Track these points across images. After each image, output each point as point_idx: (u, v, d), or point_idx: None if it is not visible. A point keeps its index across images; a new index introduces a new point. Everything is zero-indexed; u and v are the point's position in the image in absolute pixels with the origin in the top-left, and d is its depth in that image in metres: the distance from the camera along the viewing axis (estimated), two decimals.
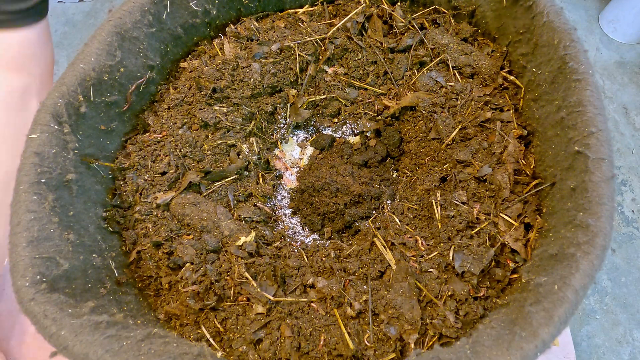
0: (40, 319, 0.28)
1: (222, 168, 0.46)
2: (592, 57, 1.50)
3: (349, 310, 0.37)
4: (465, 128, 0.47)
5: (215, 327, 0.37)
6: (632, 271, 1.13)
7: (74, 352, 0.27)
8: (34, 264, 0.30)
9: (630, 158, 1.30)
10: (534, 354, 0.27)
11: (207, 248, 0.40)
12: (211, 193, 0.45)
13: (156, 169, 0.44)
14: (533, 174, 0.42)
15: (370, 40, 0.53)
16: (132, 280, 0.39)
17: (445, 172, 0.47)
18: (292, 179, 0.53)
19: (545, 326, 0.27)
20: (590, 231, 0.31)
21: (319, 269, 0.42)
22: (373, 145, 0.54)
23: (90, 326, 0.28)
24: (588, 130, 0.34)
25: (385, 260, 0.41)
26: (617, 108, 1.40)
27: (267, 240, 0.45)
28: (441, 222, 0.43)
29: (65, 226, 0.34)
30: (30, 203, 0.32)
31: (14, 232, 0.31)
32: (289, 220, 0.50)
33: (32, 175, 0.33)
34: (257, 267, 0.40)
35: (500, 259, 0.39)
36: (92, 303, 0.31)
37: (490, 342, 0.28)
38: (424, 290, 0.38)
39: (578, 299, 0.28)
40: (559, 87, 0.39)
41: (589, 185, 0.33)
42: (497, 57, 0.49)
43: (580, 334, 1.05)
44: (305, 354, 0.36)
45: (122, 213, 0.42)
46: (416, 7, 0.55)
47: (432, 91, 0.50)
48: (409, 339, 0.35)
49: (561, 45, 0.39)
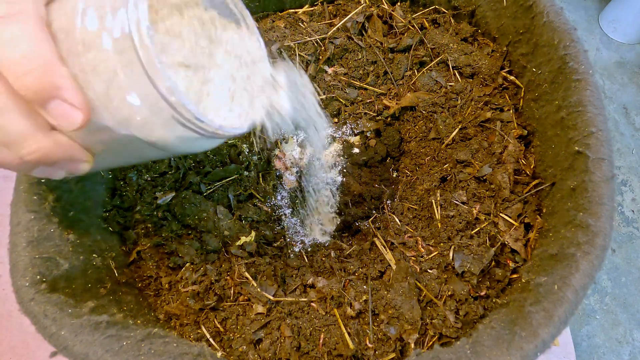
0: (40, 319, 0.28)
1: (222, 168, 0.46)
2: (592, 57, 1.50)
3: (349, 310, 0.37)
4: (465, 128, 0.47)
5: (215, 327, 0.37)
6: (632, 271, 1.13)
7: (74, 352, 0.27)
8: (34, 264, 0.30)
9: (630, 158, 1.30)
10: (534, 354, 0.27)
11: (207, 248, 0.40)
12: (211, 193, 0.45)
13: (156, 169, 0.44)
14: (533, 174, 0.42)
15: (370, 40, 0.53)
16: (132, 280, 0.39)
17: (445, 172, 0.47)
18: (292, 179, 0.53)
19: (545, 326, 0.28)
20: (590, 231, 0.31)
21: (319, 269, 0.42)
22: (373, 145, 0.54)
23: (90, 326, 0.28)
24: (588, 130, 0.34)
25: (385, 260, 0.41)
26: (617, 108, 1.40)
27: (267, 240, 0.45)
28: (441, 222, 0.43)
29: (65, 226, 0.34)
30: (30, 203, 0.32)
31: (14, 232, 0.31)
32: (289, 220, 0.50)
33: (32, 175, 0.33)
34: (257, 267, 0.40)
35: (500, 259, 0.39)
36: (92, 303, 0.31)
37: (490, 342, 0.28)
38: (424, 290, 0.38)
39: (578, 299, 0.29)
40: (559, 87, 0.39)
41: (589, 185, 0.33)
42: (497, 57, 0.49)
43: (580, 334, 1.05)
44: (305, 354, 0.36)
45: (122, 213, 0.42)
46: (416, 7, 0.55)
47: (432, 91, 0.50)
48: (409, 339, 0.35)
49: (561, 45, 0.39)
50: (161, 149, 0.25)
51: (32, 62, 0.18)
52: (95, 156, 0.24)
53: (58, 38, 0.20)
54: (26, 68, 0.18)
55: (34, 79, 0.18)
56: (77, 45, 0.20)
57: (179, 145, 0.25)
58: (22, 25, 0.18)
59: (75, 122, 0.20)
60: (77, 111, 0.19)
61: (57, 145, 0.21)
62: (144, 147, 0.24)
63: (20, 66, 0.18)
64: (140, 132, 0.23)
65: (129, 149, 0.25)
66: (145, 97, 0.21)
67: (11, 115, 0.19)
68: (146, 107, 0.22)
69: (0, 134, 0.19)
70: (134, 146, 0.24)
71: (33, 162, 0.21)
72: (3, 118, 0.19)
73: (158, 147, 0.24)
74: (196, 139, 0.25)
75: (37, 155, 0.20)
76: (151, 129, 0.23)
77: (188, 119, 0.22)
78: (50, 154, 0.21)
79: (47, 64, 0.18)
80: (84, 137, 0.22)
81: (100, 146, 0.24)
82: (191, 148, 0.26)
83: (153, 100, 0.21)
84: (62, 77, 0.19)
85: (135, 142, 0.23)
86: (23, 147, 0.20)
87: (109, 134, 0.22)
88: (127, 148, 0.25)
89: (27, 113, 0.19)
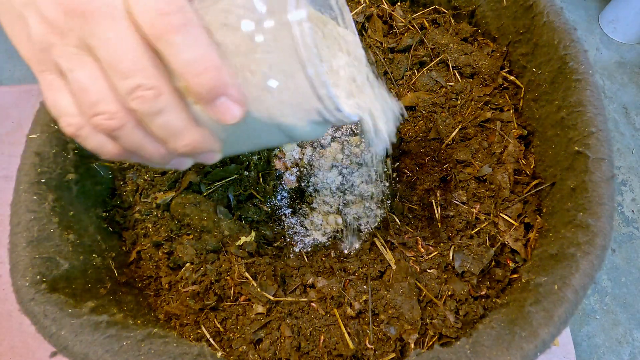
0: (40, 319, 0.28)
1: (222, 168, 0.46)
2: (592, 57, 1.50)
3: (349, 310, 0.37)
4: (465, 128, 0.47)
5: (215, 327, 0.37)
6: (632, 271, 1.13)
7: (74, 352, 0.27)
8: (34, 264, 0.30)
9: (630, 158, 1.30)
10: (534, 354, 0.27)
11: (207, 248, 0.40)
12: (211, 193, 0.45)
13: (156, 169, 0.44)
14: (533, 174, 0.42)
15: (370, 40, 0.53)
16: (132, 280, 0.39)
17: (445, 172, 0.47)
18: (292, 179, 0.53)
19: (545, 326, 0.28)
20: (590, 231, 0.31)
21: (319, 269, 0.42)
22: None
23: (90, 326, 0.28)
24: (588, 130, 0.34)
25: (385, 260, 0.41)
26: (617, 108, 1.40)
27: (267, 240, 0.45)
28: (441, 222, 0.43)
29: (65, 226, 0.34)
30: (30, 203, 0.32)
31: (14, 232, 0.31)
32: (289, 220, 0.50)
33: (32, 175, 0.33)
34: (257, 267, 0.40)
35: (500, 259, 0.39)
36: (92, 303, 0.31)
37: (490, 342, 0.28)
38: (424, 290, 0.38)
39: (578, 299, 0.29)
40: (559, 87, 0.39)
41: (589, 185, 0.33)
42: (497, 57, 0.49)
43: (580, 334, 1.05)
44: (305, 354, 0.36)
45: (122, 213, 0.42)
46: (416, 7, 0.55)
47: (432, 91, 0.50)
48: (409, 339, 0.35)
49: (561, 45, 0.39)
50: (287, 134, 0.27)
51: (203, 64, 0.20)
52: (226, 144, 0.26)
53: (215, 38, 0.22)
54: (200, 69, 0.20)
55: (207, 79, 0.20)
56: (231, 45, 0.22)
57: (306, 130, 0.26)
58: (192, 31, 0.20)
59: (236, 116, 0.22)
60: (237, 106, 0.22)
61: (204, 137, 0.23)
62: (271, 131, 0.26)
63: (194, 68, 0.20)
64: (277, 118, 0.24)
65: (252, 135, 0.27)
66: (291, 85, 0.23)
67: (172, 113, 0.21)
68: (288, 95, 0.23)
69: (162, 130, 0.22)
70: (259, 131, 0.26)
71: (185, 154, 0.23)
72: (166, 116, 0.21)
73: (285, 132, 0.26)
74: (320, 125, 0.26)
75: (189, 147, 0.23)
76: (286, 115, 0.24)
77: (329, 109, 0.24)
78: (199, 145, 0.23)
79: (217, 65, 0.21)
80: (222, 128, 0.24)
81: (227, 134, 0.26)
82: (313, 133, 0.28)
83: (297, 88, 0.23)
84: (227, 76, 0.21)
85: (263, 128, 0.25)
86: (179, 141, 0.22)
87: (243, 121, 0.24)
88: (252, 134, 0.27)
89: (183, 110, 0.22)
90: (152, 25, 0.19)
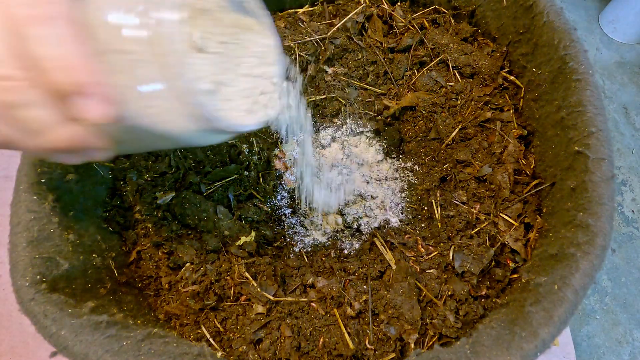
0: (40, 319, 0.28)
1: (222, 168, 0.46)
2: (592, 57, 1.50)
3: (349, 310, 0.37)
4: (465, 128, 0.47)
5: (215, 327, 0.37)
6: (632, 271, 1.13)
7: (74, 352, 0.27)
8: (34, 264, 0.30)
9: (630, 158, 1.30)
10: (534, 354, 0.27)
11: (207, 248, 0.40)
12: (211, 193, 0.45)
13: (156, 169, 0.44)
14: (533, 174, 0.42)
15: (370, 40, 0.53)
16: (132, 280, 0.39)
17: (445, 172, 0.47)
18: (292, 179, 0.53)
19: (545, 326, 0.28)
20: (590, 231, 0.31)
21: (319, 269, 0.42)
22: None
23: (90, 326, 0.28)
24: (588, 130, 0.34)
25: (385, 260, 0.41)
26: (617, 108, 1.40)
27: (267, 240, 0.45)
28: (441, 222, 0.43)
29: (65, 226, 0.34)
30: (30, 203, 0.32)
31: (14, 232, 0.31)
32: (289, 220, 0.50)
33: (32, 175, 0.33)
34: (257, 267, 0.40)
35: (500, 259, 0.39)
36: (92, 303, 0.31)
37: (490, 342, 0.28)
38: (424, 290, 0.38)
39: (578, 299, 0.29)
40: (559, 87, 0.39)
41: (589, 185, 0.33)
42: (497, 57, 0.49)
43: (580, 334, 1.05)
44: (305, 354, 0.36)
45: (122, 213, 0.42)
46: (416, 7, 0.55)
47: (432, 91, 0.50)
48: (409, 339, 0.35)
49: (561, 45, 0.39)
50: (173, 141, 0.26)
51: (60, 60, 0.20)
52: (118, 144, 0.25)
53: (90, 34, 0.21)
54: (54, 65, 0.20)
55: (60, 76, 0.20)
56: (107, 42, 0.21)
57: (196, 137, 0.26)
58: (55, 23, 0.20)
59: (101, 116, 0.21)
60: (103, 105, 0.21)
61: (74, 136, 0.22)
62: (159, 137, 0.25)
63: (49, 63, 0.20)
64: (156, 125, 0.24)
65: (144, 137, 0.26)
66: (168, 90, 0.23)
67: (35, 108, 0.21)
68: (166, 100, 0.23)
69: (23, 124, 0.21)
70: (150, 136, 0.26)
71: (60, 150, 0.23)
72: (28, 110, 0.21)
73: (170, 139, 0.26)
74: (206, 133, 0.26)
75: (63, 144, 0.22)
76: (166, 122, 0.24)
77: (204, 117, 0.24)
78: (74, 143, 0.22)
79: (74, 62, 0.20)
80: (104, 127, 0.24)
81: (121, 135, 0.25)
82: (200, 140, 0.28)
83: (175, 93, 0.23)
84: (87, 74, 0.20)
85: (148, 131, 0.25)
86: (42, 137, 0.22)
87: (129, 125, 0.24)
88: (143, 135, 0.26)
89: (50, 106, 0.21)
90: (18, 15, 0.19)
